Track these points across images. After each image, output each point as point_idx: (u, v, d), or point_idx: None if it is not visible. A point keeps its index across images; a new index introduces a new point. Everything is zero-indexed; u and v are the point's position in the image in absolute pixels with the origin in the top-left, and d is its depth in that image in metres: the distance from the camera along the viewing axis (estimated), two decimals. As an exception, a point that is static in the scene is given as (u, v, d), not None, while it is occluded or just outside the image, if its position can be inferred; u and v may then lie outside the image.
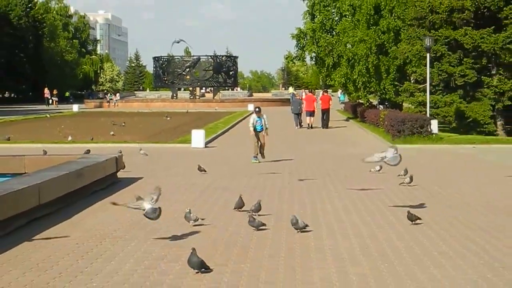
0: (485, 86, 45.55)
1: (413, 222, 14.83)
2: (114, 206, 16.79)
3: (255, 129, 29.24)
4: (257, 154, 29.18)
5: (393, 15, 54.80)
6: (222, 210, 17.03)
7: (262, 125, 29.40)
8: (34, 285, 10.61)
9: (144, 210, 13.39)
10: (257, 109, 30.89)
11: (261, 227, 14.37)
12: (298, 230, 14.15)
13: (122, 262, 12.02)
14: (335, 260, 12.21)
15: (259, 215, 15.33)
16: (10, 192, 14.81)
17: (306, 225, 14.36)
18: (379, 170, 23.87)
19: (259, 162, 28.65)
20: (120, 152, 24.95)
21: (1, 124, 58.51)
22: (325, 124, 56.69)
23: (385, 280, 10.82)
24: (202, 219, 15.06)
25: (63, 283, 10.69)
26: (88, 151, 25.89)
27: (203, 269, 10.67)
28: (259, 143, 29.30)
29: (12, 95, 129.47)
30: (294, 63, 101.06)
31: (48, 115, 72.25)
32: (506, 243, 13.04)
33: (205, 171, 24.49)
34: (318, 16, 70.79)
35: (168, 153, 33.46)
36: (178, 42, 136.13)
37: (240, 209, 16.40)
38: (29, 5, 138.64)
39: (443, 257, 12.33)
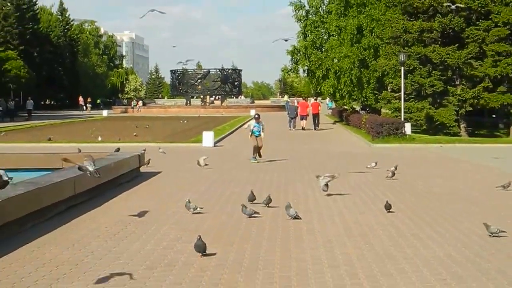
0: (450, 95, 45.56)
1: (389, 211, 14.84)
2: (138, 196, 16.74)
3: (252, 133, 28.25)
4: (256, 155, 28.08)
5: (373, 34, 54.74)
6: (228, 199, 17.01)
7: (259, 130, 28.30)
8: (71, 261, 10.63)
9: (89, 170, 13.43)
10: (256, 116, 29.96)
11: (253, 215, 14.26)
12: (290, 217, 14.10)
13: (144, 243, 12.04)
14: (324, 241, 12.24)
15: (269, 206, 15.31)
16: (50, 184, 14.85)
17: (297, 215, 14.23)
18: (374, 166, 23.54)
19: (258, 162, 27.57)
20: (144, 150, 25.02)
21: (43, 127, 58.57)
22: (316, 125, 56.75)
23: (366, 259, 10.84)
24: (201, 208, 14.90)
25: (95, 260, 10.73)
26: (118, 149, 25.85)
27: (206, 253, 10.61)
28: (258, 145, 28.07)
29: (52, 102, 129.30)
30: (289, 75, 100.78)
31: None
32: (466, 226, 13.05)
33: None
34: (309, 36, 71.04)
35: (182, 151, 33.40)
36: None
37: (252, 202, 15.89)
38: (67, 27, 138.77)
39: (415, 239, 12.36)
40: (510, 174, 23.26)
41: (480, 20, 45.42)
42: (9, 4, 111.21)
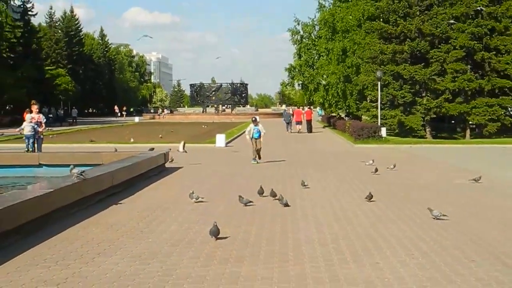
0: (418, 104, 45.60)
1: (369, 200, 14.81)
2: (164, 187, 16.69)
3: (253, 136, 25.86)
4: (256, 156, 25.75)
5: (355, 55, 54.76)
6: (237, 190, 16.99)
7: (259, 133, 25.84)
8: (109, 240, 10.65)
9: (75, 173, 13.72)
10: (253, 119, 27.56)
11: (248, 203, 14.17)
12: (283, 205, 14.04)
13: (169, 225, 12.04)
14: (315, 224, 12.24)
15: (274, 199, 15.10)
16: (92, 177, 14.88)
17: (287, 203, 14.16)
18: (372, 163, 22.91)
19: (258, 163, 25.31)
20: (170, 149, 25.09)
21: (86, 131, 58.61)
22: (309, 129, 56.63)
23: (350, 238, 10.85)
24: (202, 198, 14.72)
25: (128, 239, 10.73)
26: (152, 149, 25.73)
27: (219, 237, 10.48)
28: (257, 148, 25.81)
29: (93, 110, 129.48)
30: (287, 88, 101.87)
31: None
32: (441, 211, 12.95)
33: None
34: (303, 56, 71.80)
35: (199, 150, 33.35)
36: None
37: (261, 195, 15.58)
38: (106, 49, 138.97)
39: (390, 222, 12.37)
40: (465, 168, 23.33)
41: (442, 44, 45.43)
42: (59, 31, 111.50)
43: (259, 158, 25.99)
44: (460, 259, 9.37)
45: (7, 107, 74.83)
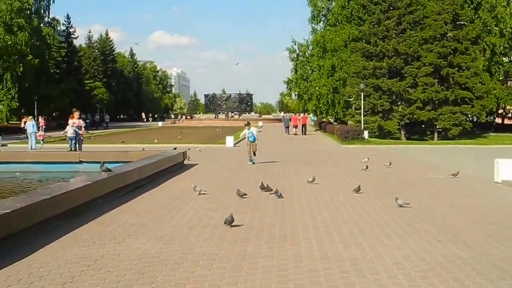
0: (394, 112, 45.49)
1: (357, 192, 14.76)
2: (182, 180, 16.66)
3: (248, 140, 23.99)
4: (251, 157, 23.83)
5: (342, 70, 54.65)
6: (245, 183, 16.98)
7: (253, 136, 23.93)
8: (137, 224, 10.66)
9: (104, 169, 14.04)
10: (246, 123, 25.60)
11: (244, 196, 13.89)
12: (277, 197, 13.88)
13: (187, 212, 12.05)
14: (309, 211, 12.24)
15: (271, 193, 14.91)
16: (122, 172, 14.91)
17: (281, 195, 13.99)
18: (368, 161, 22.28)
19: (253, 163, 23.45)
20: (189, 149, 25.12)
21: (118, 134, 58.68)
22: (304, 132, 56.69)
23: (338, 222, 10.86)
24: (205, 191, 14.52)
25: (153, 223, 10.75)
26: (175, 148, 25.67)
27: (233, 224, 10.32)
28: (253, 150, 23.86)
29: (124, 116, 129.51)
30: (285, 97, 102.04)
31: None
32: (405, 200, 12.94)
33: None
34: (299, 71, 72.06)
35: (212, 149, 33.40)
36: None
37: (263, 190, 14.91)
38: (134, 66, 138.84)
39: (371, 208, 12.38)
40: (435, 165, 23.29)
41: (414, 61, 45.31)
42: (96, 51, 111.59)
43: (254, 155, 24.03)
44: (429, 240, 9.41)
45: (54, 114, 75.13)
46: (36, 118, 44.43)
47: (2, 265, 7.74)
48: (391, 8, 46.42)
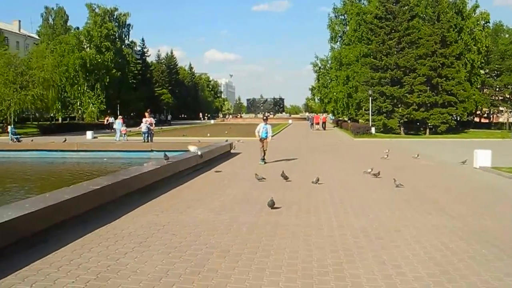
0: (395, 112, 44.82)
1: (377, 176, 14.51)
2: (229, 165, 16.63)
3: (261, 136, 18.45)
4: (263, 156, 18.43)
5: (354, 79, 54.07)
6: (277, 169, 16.93)
7: (266, 132, 18.42)
8: (195, 199, 10.71)
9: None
10: (265, 117, 20.56)
11: (261, 179, 13.24)
12: (285, 180, 13.32)
13: (233, 189, 12.07)
14: (329, 190, 12.13)
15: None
16: (183, 159, 15.02)
17: (287, 178, 13.41)
18: (387, 152, 20.97)
19: (265, 163, 18.03)
20: (240, 141, 25.12)
21: (180, 129, 59.16)
22: (324, 128, 56.40)
23: (351, 199, 10.73)
24: (264, 178, 13.46)
25: (207, 197, 10.78)
26: (227, 140, 25.64)
27: (275, 207, 9.64)
28: (264, 148, 18.43)
29: (184, 115, 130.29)
30: (310, 101, 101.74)
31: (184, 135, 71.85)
32: (408, 183, 12.74)
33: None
34: (321, 80, 72.33)
35: (252, 142, 33.32)
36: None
37: (287, 180, 13.42)
38: (192, 76, 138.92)
39: (378, 189, 12.20)
40: (427, 154, 22.81)
41: (411, 73, 44.55)
42: (164, 65, 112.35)
43: (264, 155, 18.62)
44: (421, 213, 9.26)
45: (131, 114, 76.27)
46: (116, 118, 45.43)
47: (96, 227, 7.92)
48: (393, 31, 45.75)
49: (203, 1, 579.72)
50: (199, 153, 15.93)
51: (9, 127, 40.23)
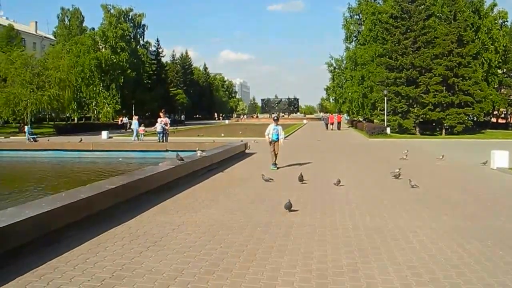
0: (411, 112, 44.46)
1: (398, 178, 14.44)
2: (243, 166, 16.64)
3: (272, 139, 16.69)
4: (274, 161, 16.75)
5: (369, 79, 53.81)
6: (291, 170, 16.88)
7: (277, 134, 16.62)
8: (209, 198, 10.74)
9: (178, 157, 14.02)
10: (275, 118, 17.99)
11: (269, 180, 13.05)
12: (301, 182, 13.02)
13: (247, 189, 12.07)
14: (345, 190, 12.09)
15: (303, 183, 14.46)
16: (198, 159, 15.07)
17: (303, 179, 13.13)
18: (407, 152, 20.62)
19: (277, 168, 16.47)
20: (255, 142, 25.14)
21: (195, 129, 59.36)
22: (338, 128, 55.99)
23: (366, 199, 10.67)
24: (272, 179, 13.25)
25: (221, 198, 10.80)
26: (242, 141, 25.64)
27: (292, 209, 9.40)
28: (275, 151, 16.73)
29: (199, 115, 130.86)
30: (325, 101, 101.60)
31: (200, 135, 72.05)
32: (421, 181, 12.64)
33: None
34: (335, 80, 71.98)
35: (266, 142, 33.32)
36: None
37: (302, 182, 12.98)
38: (207, 77, 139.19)
39: (392, 189, 12.11)
40: (445, 155, 22.61)
41: (426, 73, 44.14)
42: (178, 66, 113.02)
43: (275, 159, 16.89)
44: (437, 213, 9.13)
45: (146, 114, 76.66)
46: (130, 118, 45.68)
47: (112, 226, 8.01)
48: (409, 30, 45.39)
49: (218, 2, 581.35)
50: (203, 153, 15.99)
51: (26, 127, 40.88)
